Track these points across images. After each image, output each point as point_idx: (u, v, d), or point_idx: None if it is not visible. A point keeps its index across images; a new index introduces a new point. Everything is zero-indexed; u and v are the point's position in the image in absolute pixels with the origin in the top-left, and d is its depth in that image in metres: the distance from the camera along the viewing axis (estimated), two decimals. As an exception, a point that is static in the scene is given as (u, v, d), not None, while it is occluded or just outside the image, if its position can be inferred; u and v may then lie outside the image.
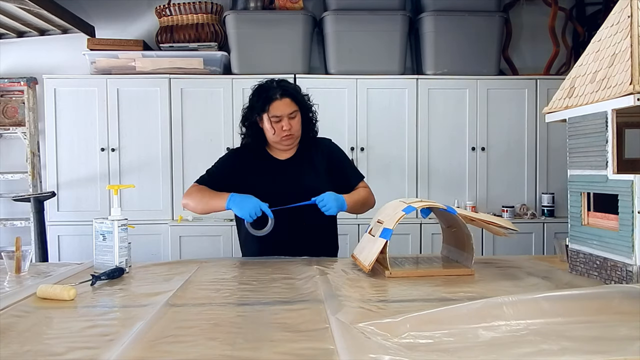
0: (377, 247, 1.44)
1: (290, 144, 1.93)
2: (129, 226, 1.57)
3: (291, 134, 1.88)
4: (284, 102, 1.86)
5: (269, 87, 1.90)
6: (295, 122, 1.88)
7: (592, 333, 0.96)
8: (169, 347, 0.90)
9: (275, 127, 1.86)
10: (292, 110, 1.87)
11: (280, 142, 1.91)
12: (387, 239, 1.44)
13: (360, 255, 1.55)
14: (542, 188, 3.42)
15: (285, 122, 1.86)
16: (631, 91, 1.18)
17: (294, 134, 1.89)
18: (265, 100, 1.86)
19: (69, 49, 3.60)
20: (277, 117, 1.85)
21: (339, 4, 3.34)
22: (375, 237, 1.49)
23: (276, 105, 1.85)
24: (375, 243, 1.47)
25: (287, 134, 1.87)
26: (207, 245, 3.22)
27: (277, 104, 1.85)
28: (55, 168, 3.29)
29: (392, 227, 1.45)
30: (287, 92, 1.87)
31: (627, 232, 1.22)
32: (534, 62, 3.74)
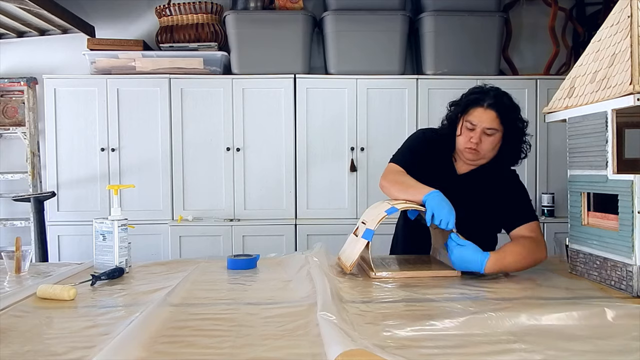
0: (359, 248, 1.46)
1: (470, 159, 1.69)
2: (129, 226, 1.57)
3: (477, 150, 1.64)
4: (487, 113, 1.62)
5: (483, 91, 1.67)
6: (488, 141, 1.63)
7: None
8: (161, 347, 0.90)
9: (465, 134, 1.65)
10: (492, 126, 1.62)
11: (462, 151, 1.68)
12: (368, 240, 1.45)
13: (342, 256, 1.56)
14: (542, 188, 3.42)
15: (476, 134, 1.63)
16: (631, 91, 1.18)
17: (480, 152, 1.65)
18: (471, 102, 1.66)
19: (69, 49, 3.60)
20: (472, 124, 1.63)
21: (339, 4, 3.34)
22: (357, 238, 1.50)
23: (477, 112, 1.63)
24: (357, 244, 1.48)
25: (471, 147, 1.64)
26: (207, 245, 3.22)
27: (479, 111, 1.63)
28: (55, 168, 3.29)
29: (373, 227, 1.46)
30: (497, 105, 1.62)
31: (627, 232, 1.22)
32: (534, 62, 3.74)
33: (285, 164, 3.33)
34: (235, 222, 3.28)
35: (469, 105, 1.66)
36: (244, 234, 3.25)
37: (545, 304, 1.15)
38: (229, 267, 1.62)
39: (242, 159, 3.33)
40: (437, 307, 1.16)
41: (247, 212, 3.33)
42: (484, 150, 1.65)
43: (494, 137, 1.63)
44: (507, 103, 1.65)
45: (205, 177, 3.34)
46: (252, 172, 3.33)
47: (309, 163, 3.29)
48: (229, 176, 3.33)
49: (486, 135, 1.63)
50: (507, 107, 1.64)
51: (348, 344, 0.82)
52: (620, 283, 1.27)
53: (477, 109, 1.63)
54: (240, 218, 3.32)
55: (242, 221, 3.29)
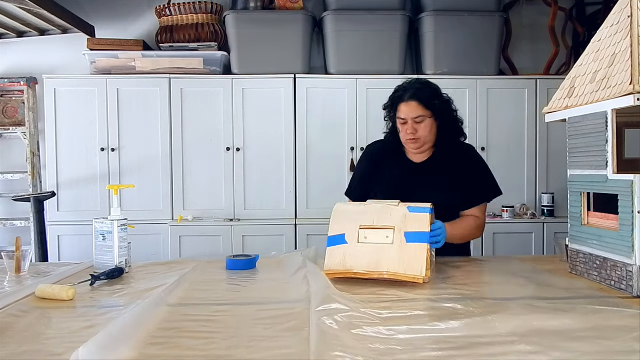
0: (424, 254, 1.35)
1: (415, 148, 1.86)
2: (129, 226, 1.57)
3: (415, 138, 1.81)
4: (410, 105, 1.80)
5: (403, 87, 1.87)
6: (422, 127, 1.80)
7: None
8: (147, 347, 0.90)
9: (401, 129, 1.84)
10: (418, 115, 1.79)
11: (406, 144, 1.86)
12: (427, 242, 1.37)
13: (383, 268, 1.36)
14: (542, 188, 3.42)
15: (409, 126, 1.80)
16: (631, 91, 1.17)
17: (420, 139, 1.82)
18: (396, 101, 1.86)
19: (69, 49, 3.60)
20: (403, 119, 1.82)
21: (339, 4, 3.34)
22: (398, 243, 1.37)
23: (402, 108, 1.82)
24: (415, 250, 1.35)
25: (411, 138, 1.81)
26: (207, 245, 3.22)
27: (403, 106, 1.82)
28: (55, 168, 3.29)
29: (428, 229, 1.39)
30: (416, 95, 1.80)
31: (627, 232, 1.22)
32: (534, 62, 3.74)
33: (285, 164, 3.33)
34: (235, 222, 3.27)
35: (394, 103, 1.86)
36: (244, 234, 3.25)
37: (546, 304, 1.15)
38: (228, 267, 1.61)
39: (242, 159, 3.32)
40: (438, 308, 1.15)
41: (247, 212, 3.33)
42: (422, 136, 1.81)
43: (425, 123, 1.81)
44: (424, 90, 1.84)
45: (205, 177, 3.34)
46: (252, 172, 3.33)
47: (309, 163, 3.29)
48: (229, 176, 3.33)
49: (418, 123, 1.80)
50: (424, 94, 1.82)
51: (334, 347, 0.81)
52: (620, 283, 1.26)
53: (401, 105, 1.83)
54: (240, 218, 3.31)
55: (242, 221, 3.29)
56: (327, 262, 1.42)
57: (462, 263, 1.67)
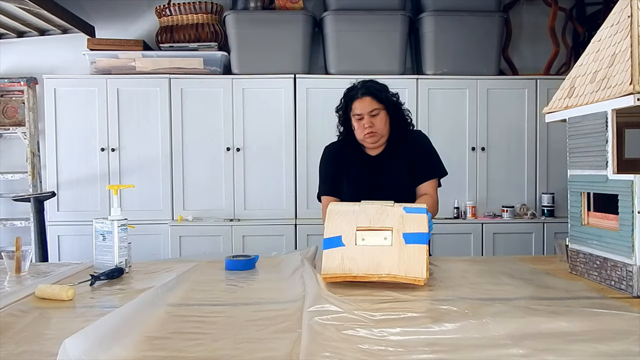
0: (423, 255, 1.34)
1: (373, 142, 1.95)
2: (129, 226, 1.57)
3: (373, 132, 1.91)
4: (364, 100, 1.91)
5: (354, 87, 1.97)
6: (377, 120, 1.91)
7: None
8: (134, 348, 0.90)
9: (357, 125, 1.93)
10: (373, 108, 1.90)
11: (364, 140, 1.95)
12: (426, 244, 1.36)
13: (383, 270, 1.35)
14: (542, 188, 3.42)
15: (366, 120, 1.90)
16: (631, 91, 1.17)
17: (377, 132, 1.92)
18: (349, 100, 1.95)
19: (69, 49, 3.60)
20: (358, 115, 1.91)
21: (339, 4, 3.34)
22: (397, 245, 1.35)
23: (357, 104, 1.92)
24: (412, 251, 1.34)
25: (369, 132, 1.90)
26: (207, 245, 3.22)
27: (357, 102, 1.92)
28: (55, 168, 3.29)
29: (427, 230, 1.37)
30: (368, 90, 1.92)
31: (627, 232, 1.22)
32: (534, 62, 3.74)
33: (285, 164, 3.33)
34: (235, 222, 3.27)
35: (348, 102, 1.95)
36: (244, 234, 3.25)
37: (545, 306, 1.14)
38: (227, 267, 1.61)
39: (242, 159, 3.32)
40: (433, 310, 1.15)
41: (247, 212, 3.33)
42: (379, 128, 1.92)
43: (380, 116, 1.92)
44: (375, 86, 1.95)
45: (205, 177, 3.34)
46: (252, 172, 3.33)
47: (309, 163, 3.29)
48: (229, 176, 3.33)
49: (373, 117, 1.90)
50: (376, 88, 1.94)
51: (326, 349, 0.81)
52: (620, 283, 1.26)
53: (356, 102, 1.92)
54: (240, 218, 3.31)
55: (242, 221, 3.29)
56: (325, 265, 1.39)
57: (462, 263, 1.67)
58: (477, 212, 3.37)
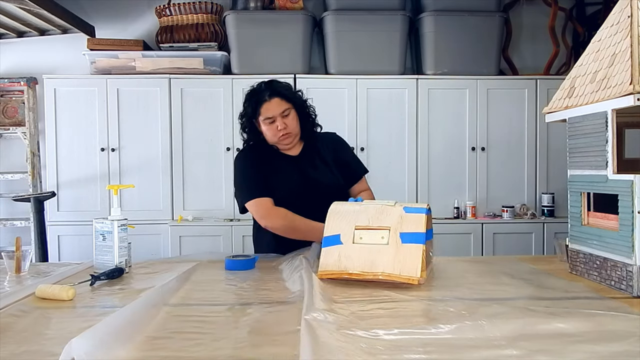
0: (418, 255, 1.32)
1: (289, 143, 1.91)
2: (129, 226, 1.57)
3: (288, 132, 1.86)
4: (273, 102, 1.84)
5: (257, 90, 1.89)
6: (289, 120, 1.86)
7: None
8: (134, 348, 0.90)
9: (270, 129, 1.86)
10: (284, 108, 1.85)
11: (279, 143, 1.90)
12: (423, 243, 1.35)
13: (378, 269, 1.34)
14: (542, 188, 3.42)
15: (279, 122, 1.84)
16: (631, 91, 1.17)
17: (292, 132, 1.87)
18: (256, 104, 1.86)
19: (69, 49, 3.60)
20: (270, 118, 1.84)
21: (339, 4, 3.34)
22: (394, 244, 1.35)
23: (266, 107, 1.84)
24: (409, 250, 1.33)
25: (284, 134, 1.85)
26: (207, 245, 3.22)
27: (266, 105, 1.84)
28: (55, 168, 3.29)
29: (424, 230, 1.36)
30: (275, 91, 1.86)
31: (627, 232, 1.22)
32: (534, 62, 3.74)
33: (285, 164, 3.32)
34: (235, 222, 3.27)
35: (256, 107, 1.86)
36: (244, 234, 3.25)
37: (543, 306, 1.13)
38: (227, 267, 1.61)
39: (242, 159, 3.32)
40: (430, 310, 1.14)
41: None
42: (292, 128, 1.87)
43: (291, 115, 1.87)
44: (280, 84, 1.90)
45: (205, 177, 3.34)
46: (252, 172, 3.33)
47: (309, 163, 3.29)
48: (229, 176, 3.32)
49: (285, 117, 1.85)
50: (282, 87, 1.89)
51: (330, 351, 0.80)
52: (620, 283, 1.26)
53: (264, 105, 1.85)
54: (240, 218, 3.31)
55: (242, 221, 3.28)
56: (322, 262, 1.40)
57: (462, 263, 1.67)
58: (477, 212, 3.37)
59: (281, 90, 1.87)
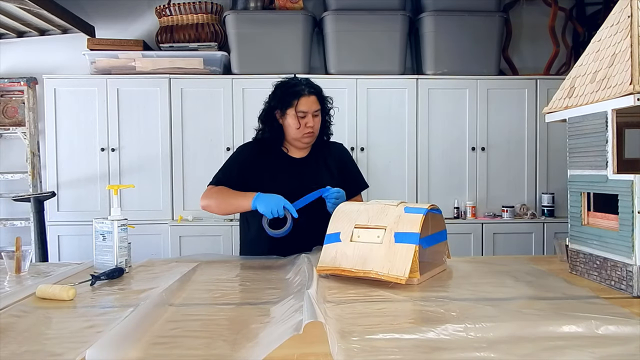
0: (409, 254, 1.33)
1: (308, 142, 1.95)
2: (129, 226, 1.57)
3: (312, 132, 1.91)
4: (311, 99, 1.89)
5: (296, 82, 1.93)
6: (317, 121, 1.92)
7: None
8: (150, 347, 0.90)
9: (300, 123, 1.88)
10: (317, 108, 1.91)
11: (300, 139, 1.92)
12: (416, 244, 1.34)
13: (369, 267, 1.35)
14: (542, 188, 3.42)
15: (309, 119, 1.88)
16: (631, 91, 1.17)
17: (315, 133, 1.93)
18: (294, 95, 1.88)
19: (69, 49, 3.60)
20: (304, 112, 1.88)
21: (339, 4, 3.34)
22: (387, 243, 1.36)
23: (303, 101, 1.88)
24: (400, 250, 1.34)
25: (309, 131, 1.90)
26: (207, 245, 3.22)
27: (304, 99, 1.88)
28: (55, 168, 3.29)
29: (419, 230, 1.36)
30: (315, 90, 1.92)
31: (627, 232, 1.22)
32: (534, 62, 3.74)
33: (285, 164, 3.33)
34: (235, 222, 3.27)
35: (293, 98, 1.88)
36: (244, 234, 3.25)
37: (540, 307, 1.13)
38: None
39: (242, 159, 3.32)
40: (419, 311, 1.14)
41: (247, 212, 3.33)
42: (317, 130, 1.93)
43: (318, 117, 1.92)
44: (317, 85, 1.95)
45: (206, 177, 3.28)
46: (252, 172, 3.33)
47: (309, 163, 3.29)
48: (229, 176, 3.33)
49: (315, 117, 1.90)
50: (319, 88, 1.94)
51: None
52: (620, 283, 1.26)
53: (302, 99, 1.87)
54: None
55: (242, 221, 3.29)
56: (321, 258, 1.45)
57: (462, 263, 1.67)
58: (477, 212, 3.37)
59: (319, 91, 1.94)
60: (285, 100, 1.89)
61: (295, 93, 1.88)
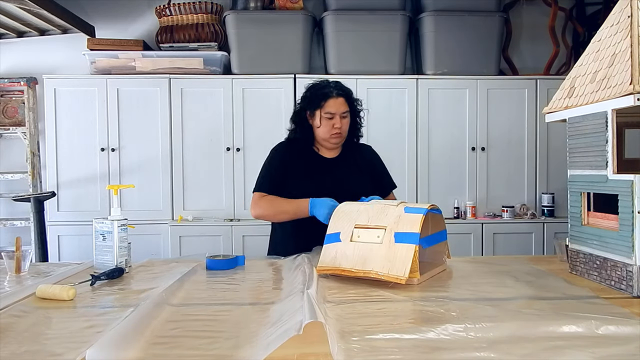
0: (409, 254, 1.32)
1: (337, 143, 1.98)
2: (129, 226, 1.57)
3: (340, 132, 1.94)
4: (339, 100, 1.93)
5: (325, 85, 1.97)
6: (345, 123, 1.95)
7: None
8: (152, 347, 0.90)
9: (326, 124, 1.93)
10: (345, 110, 1.94)
11: (328, 140, 1.96)
12: (416, 244, 1.34)
13: (369, 267, 1.35)
14: (542, 188, 3.42)
15: (337, 120, 1.92)
16: (631, 91, 1.17)
17: (343, 134, 1.96)
18: (322, 97, 1.93)
19: (69, 49, 3.60)
20: (331, 114, 1.91)
21: (339, 4, 3.34)
22: (387, 243, 1.36)
23: (331, 103, 1.92)
24: (401, 250, 1.33)
25: (337, 132, 1.93)
26: (207, 245, 3.22)
27: (332, 101, 1.92)
28: (55, 168, 3.29)
29: (419, 230, 1.35)
30: (343, 92, 1.95)
31: (627, 232, 1.22)
32: (534, 62, 3.74)
33: (285, 164, 3.33)
34: (235, 222, 3.28)
35: (321, 99, 1.92)
36: (244, 234, 3.25)
37: (539, 308, 1.12)
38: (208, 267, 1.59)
39: (242, 159, 3.32)
40: (419, 311, 1.14)
41: (247, 212, 3.33)
42: (344, 131, 1.96)
43: (347, 119, 1.96)
44: (347, 88, 1.99)
45: (205, 177, 3.34)
46: (252, 172, 3.33)
47: (309, 163, 3.29)
48: (229, 176, 3.33)
49: (343, 118, 1.94)
50: (348, 90, 1.98)
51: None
52: (620, 283, 1.26)
53: (330, 100, 1.92)
54: (240, 218, 3.32)
55: (242, 221, 3.29)
56: (321, 258, 1.45)
57: (462, 263, 1.67)
58: (477, 212, 3.37)
59: (348, 93, 1.97)
60: (313, 102, 1.94)
61: (323, 95, 1.93)
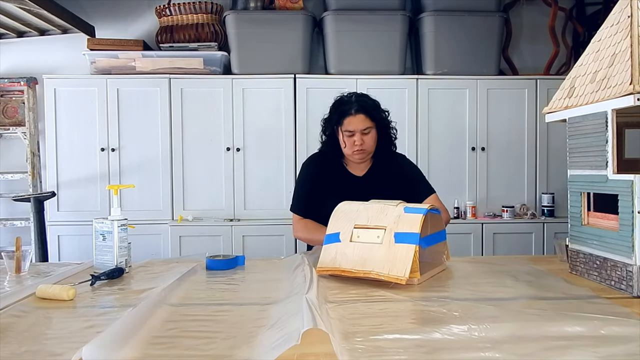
0: (409, 254, 1.32)
1: (361, 159, 1.94)
2: (129, 226, 1.57)
3: (362, 149, 1.89)
4: (357, 117, 1.87)
5: (346, 101, 1.92)
6: (368, 138, 1.89)
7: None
8: (148, 347, 0.90)
9: (347, 141, 1.89)
10: (366, 126, 1.88)
11: (351, 156, 1.93)
12: (416, 244, 1.34)
13: (369, 267, 1.35)
14: (542, 188, 3.42)
15: (357, 137, 1.87)
16: (631, 91, 1.17)
17: (366, 150, 1.91)
18: (340, 114, 1.89)
19: (69, 49, 3.60)
20: (350, 131, 1.88)
21: (339, 4, 3.34)
22: (387, 244, 1.36)
23: (349, 120, 1.87)
24: (401, 250, 1.33)
25: (358, 149, 1.89)
26: (207, 245, 3.22)
27: (350, 119, 1.87)
28: (55, 168, 3.30)
29: (419, 231, 1.35)
30: (363, 108, 1.89)
31: (627, 232, 1.22)
32: (534, 62, 3.74)
33: (285, 164, 3.33)
34: (235, 222, 3.28)
35: (340, 117, 1.88)
36: (244, 234, 3.25)
37: (541, 308, 1.12)
38: (208, 267, 1.59)
39: (242, 159, 3.33)
40: (421, 311, 1.13)
41: (247, 212, 3.33)
42: (368, 146, 1.90)
43: (371, 134, 1.90)
44: (369, 102, 1.92)
45: (205, 177, 3.34)
46: (251, 172, 3.33)
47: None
48: (229, 176, 3.33)
49: (364, 134, 1.88)
50: (370, 106, 1.91)
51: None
52: (620, 283, 1.26)
53: (348, 118, 1.87)
54: (240, 218, 3.32)
55: (242, 221, 3.29)
56: (321, 259, 1.44)
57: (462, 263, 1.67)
58: (477, 212, 3.37)
59: (368, 108, 1.89)
60: (334, 119, 1.92)
61: (342, 112, 1.89)
